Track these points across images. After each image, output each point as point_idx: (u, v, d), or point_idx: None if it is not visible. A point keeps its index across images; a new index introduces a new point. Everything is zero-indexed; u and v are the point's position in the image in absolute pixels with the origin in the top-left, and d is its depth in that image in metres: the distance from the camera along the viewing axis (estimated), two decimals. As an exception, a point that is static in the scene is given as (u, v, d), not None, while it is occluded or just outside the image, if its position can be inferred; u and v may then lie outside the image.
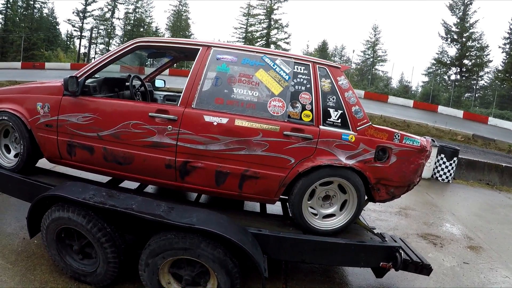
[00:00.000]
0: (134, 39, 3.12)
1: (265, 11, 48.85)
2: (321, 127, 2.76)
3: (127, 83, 3.62)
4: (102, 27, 50.20)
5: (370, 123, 2.83)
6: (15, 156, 3.29)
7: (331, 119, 2.79)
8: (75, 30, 50.10)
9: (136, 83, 3.80)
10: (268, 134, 2.71)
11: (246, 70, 2.84)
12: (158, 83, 4.42)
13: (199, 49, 2.91)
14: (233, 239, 2.36)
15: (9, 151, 3.35)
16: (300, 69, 2.85)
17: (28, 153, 3.14)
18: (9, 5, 43.63)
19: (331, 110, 2.80)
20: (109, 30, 50.29)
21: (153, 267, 2.49)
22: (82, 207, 2.58)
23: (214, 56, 2.86)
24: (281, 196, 2.98)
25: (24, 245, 3.21)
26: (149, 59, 4.93)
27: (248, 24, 49.78)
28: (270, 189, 2.83)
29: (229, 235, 2.37)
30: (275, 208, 3.55)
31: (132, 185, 3.45)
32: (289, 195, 2.86)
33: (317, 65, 2.87)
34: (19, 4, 45.20)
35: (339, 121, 2.79)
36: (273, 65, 2.84)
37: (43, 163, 3.38)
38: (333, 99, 2.81)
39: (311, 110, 2.78)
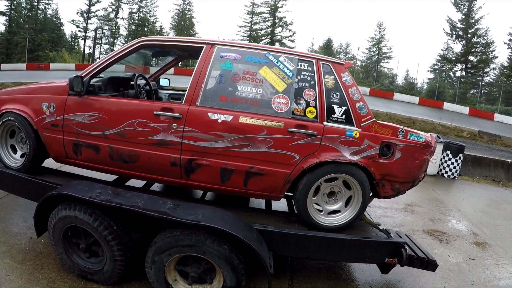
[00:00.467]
0: (138, 38, 3.13)
1: (269, 9, 48.76)
2: (325, 123, 2.76)
3: (132, 82, 3.64)
4: (106, 27, 50.34)
5: (374, 119, 2.83)
6: (22, 156, 3.32)
7: (335, 116, 2.78)
8: (79, 31, 50.32)
9: (141, 82, 3.82)
10: (272, 131, 2.71)
11: (250, 68, 2.84)
12: (163, 82, 4.43)
13: (203, 47, 2.92)
14: (239, 236, 2.37)
15: (15, 151, 3.38)
16: (304, 66, 2.85)
17: (34, 153, 3.17)
18: (13, 6, 43.81)
19: (335, 107, 2.80)
20: (113, 30, 50.42)
21: (159, 264, 2.51)
22: (89, 205, 2.60)
23: (218, 54, 2.87)
24: (286, 193, 2.98)
25: (31, 244, 3.23)
26: (153, 59, 4.94)
27: (252, 22, 49.70)
28: (275, 185, 2.84)
29: (235, 232, 2.38)
30: (280, 205, 3.55)
31: (138, 183, 3.47)
32: (294, 192, 2.87)
33: (320, 62, 2.87)
34: (23, 5, 45.37)
35: (343, 117, 2.79)
36: (277, 62, 2.84)
37: (49, 163, 3.40)
38: (337, 95, 2.81)
39: (315, 107, 2.78)
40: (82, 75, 2.95)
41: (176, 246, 2.44)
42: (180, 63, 4.59)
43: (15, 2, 43.89)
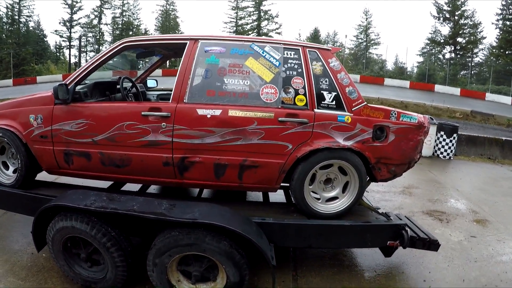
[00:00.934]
0: (120, 40, 3.08)
1: (253, 3, 48.49)
2: (316, 110, 2.75)
3: (118, 86, 3.60)
4: (90, 34, 49.57)
5: (365, 103, 2.81)
6: (14, 171, 3.27)
7: (325, 102, 2.77)
8: (63, 41, 49.43)
9: (127, 84, 3.77)
10: (263, 122, 2.69)
11: (235, 60, 2.81)
12: (150, 83, 4.37)
13: (187, 43, 2.89)
14: (237, 230, 2.35)
15: (7, 168, 3.33)
16: (290, 54, 2.83)
17: (26, 167, 3.13)
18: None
19: (325, 93, 2.78)
20: (98, 37, 49.82)
21: (161, 267, 2.49)
22: (85, 214, 2.57)
23: (202, 49, 2.84)
24: (282, 184, 2.96)
25: (33, 260, 3.19)
26: (141, 62, 4.89)
27: (237, 18, 49.36)
28: (270, 177, 2.82)
29: (233, 226, 2.36)
30: (278, 197, 3.54)
31: (135, 187, 3.44)
32: (290, 182, 2.85)
33: (307, 49, 2.85)
34: (4, 20, 44.60)
35: (334, 103, 2.77)
36: (262, 53, 2.82)
37: (45, 176, 3.37)
38: (326, 81, 2.79)
39: (305, 94, 2.76)
40: (67, 83, 2.90)
41: (175, 246, 2.41)
42: (167, 63, 4.55)
43: (-4, 18, 43.17)
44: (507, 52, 38.76)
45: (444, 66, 44.93)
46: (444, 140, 8.50)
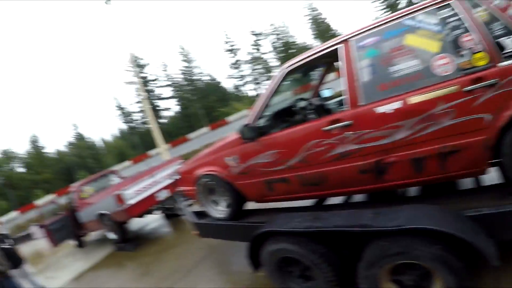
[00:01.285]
0: (280, 68, 3.20)
1: (394, -30, 44.07)
2: (501, 64, 2.12)
3: (294, 108, 3.71)
4: (259, 66, 54.59)
5: None
6: (225, 206, 3.81)
7: (508, 50, 2.12)
8: (238, 81, 56.37)
9: (303, 104, 3.76)
10: (448, 99, 2.25)
11: (393, 43, 2.48)
12: (326, 93, 4.28)
13: (339, 47, 2.77)
14: (448, 231, 2.04)
15: (219, 205, 3.90)
16: (446, 12, 2.32)
17: (235, 201, 3.62)
18: (178, 89, 53.46)
19: (503, 39, 2.13)
20: (266, 66, 54.41)
21: (371, 279, 2.38)
22: (292, 235, 2.74)
23: (356, 47, 2.66)
24: (491, 161, 2.36)
25: (251, 279, 3.60)
26: (307, 75, 4.82)
27: (384, -8, 45.79)
28: (474, 158, 2.31)
29: (443, 227, 2.06)
30: (490, 178, 2.91)
31: (339, 199, 3.46)
32: (500, 157, 2.26)
33: None
34: (183, 84, 54.54)
35: None
36: (418, 24, 2.42)
37: (252, 204, 3.75)
38: (499, 26, 2.15)
39: (482, 50, 2.18)
40: (249, 123, 3.18)
41: (384, 256, 2.28)
42: (334, 67, 4.28)
43: (176, 84, 53.60)
44: None
45: None
46: None
